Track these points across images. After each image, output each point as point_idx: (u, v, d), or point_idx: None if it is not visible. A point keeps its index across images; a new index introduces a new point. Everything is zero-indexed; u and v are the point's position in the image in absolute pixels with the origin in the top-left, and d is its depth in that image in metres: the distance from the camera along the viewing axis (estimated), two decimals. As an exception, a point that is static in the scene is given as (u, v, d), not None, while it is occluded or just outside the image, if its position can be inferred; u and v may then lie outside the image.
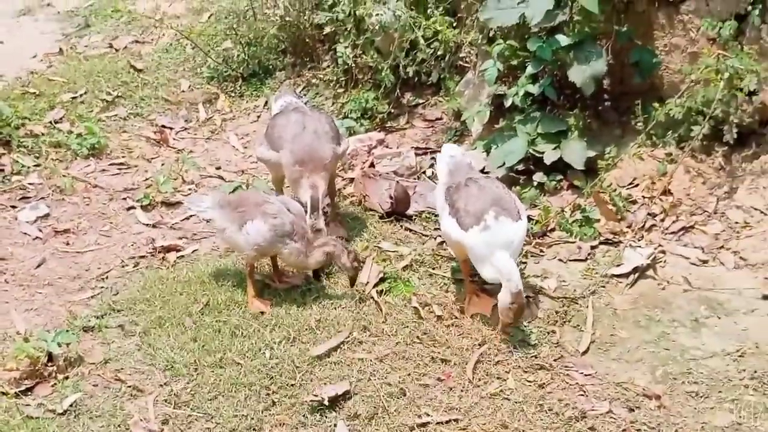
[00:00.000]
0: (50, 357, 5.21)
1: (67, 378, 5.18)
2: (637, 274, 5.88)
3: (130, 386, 5.14)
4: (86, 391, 5.10)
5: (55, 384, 5.14)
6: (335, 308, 5.66)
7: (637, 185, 6.58)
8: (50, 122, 7.72)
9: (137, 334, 5.49)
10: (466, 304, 5.65)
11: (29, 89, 8.22)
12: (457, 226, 5.35)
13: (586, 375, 5.19)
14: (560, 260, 6.09)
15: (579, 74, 6.46)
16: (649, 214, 6.34)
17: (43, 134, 7.54)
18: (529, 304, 5.49)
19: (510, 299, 5.15)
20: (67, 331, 5.39)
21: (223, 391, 5.08)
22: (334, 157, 6.07)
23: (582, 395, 5.06)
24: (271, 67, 8.44)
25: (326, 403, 4.94)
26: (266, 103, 8.07)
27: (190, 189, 7.00)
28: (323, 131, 6.08)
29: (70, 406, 4.98)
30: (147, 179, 7.13)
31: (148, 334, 5.48)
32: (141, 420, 4.90)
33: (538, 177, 6.67)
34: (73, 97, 8.15)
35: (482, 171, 6.81)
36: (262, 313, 5.59)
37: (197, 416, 4.95)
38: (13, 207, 6.77)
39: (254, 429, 4.87)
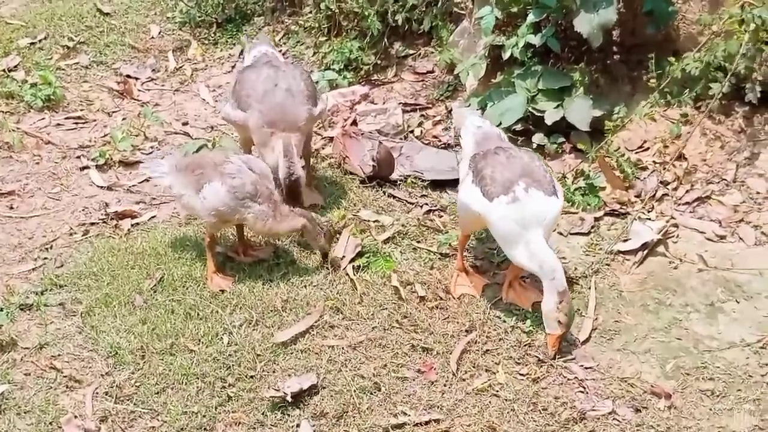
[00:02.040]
0: (-23, 341, 4.60)
1: (-5, 365, 4.56)
2: (646, 251, 5.23)
3: (66, 376, 4.51)
4: (16, 381, 4.48)
5: (-19, 373, 4.52)
6: (305, 286, 5.02)
7: (647, 149, 5.93)
8: (3, 70, 7.03)
9: (79, 314, 4.86)
10: (453, 283, 5.02)
11: (-18, 33, 7.52)
12: (481, 195, 4.64)
13: (586, 368, 4.56)
14: (560, 233, 5.41)
15: (586, 23, 5.76)
16: (660, 182, 5.67)
17: (-6, 83, 6.86)
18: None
19: (557, 299, 4.44)
20: (2, 309, 4.80)
21: (173, 383, 4.46)
22: (309, 118, 5.40)
23: (581, 392, 4.43)
24: (248, 12, 7.71)
25: (289, 399, 4.32)
26: (242, 52, 7.37)
27: (152, 147, 6.32)
28: (298, 89, 5.39)
29: (-5, 399, 4.37)
30: (105, 135, 6.44)
31: (91, 314, 4.85)
32: (75, 417, 4.28)
33: (538, 138, 6.00)
34: (32, 43, 7.45)
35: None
36: (223, 291, 4.96)
37: (141, 412, 4.34)
38: (-46, 166, 6.11)
39: (205, 429, 4.25)
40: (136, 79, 7.18)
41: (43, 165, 6.14)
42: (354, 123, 6.35)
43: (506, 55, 6.08)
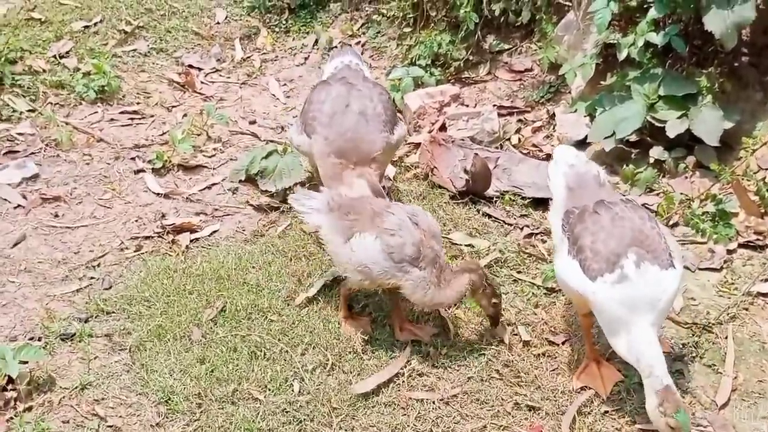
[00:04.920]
0: (10, 379, 3.93)
1: (29, 409, 3.89)
2: (792, 294, 4.44)
3: (110, 426, 3.84)
4: (52, 430, 3.80)
5: (12, 418, 3.85)
6: (388, 324, 4.29)
7: (782, 167, 5.12)
8: (54, 56, 6.40)
9: (128, 349, 4.18)
10: (578, 372, 4.11)
11: (35, 14, 6.84)
12: (581, 272, 3.78)
13: (727, 441, 3.80)
14: (686, 267, 4.60)
15: (719, 22, 4.97)
16: (802, 207, 4.87)
17: (44, 71, 6.23)
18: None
19: (657, 400, 3.56)
20: (40, 339, 4.20)
21: (234, 439, 3.77)
22: (387, 148, 4.63)
23: (724, 472, 3.67)
24: (324, -4, 7.05)
25: (372, 468, 3.62)
26: (316, 41, 6.71)
27: (215, 149, 5.64)
28: (374, 112, 4.63)
29: (26, 454, 3.71)
30: (163, 133, 5.77)
31: (142, 349, 4.17)
32: (118, 481, 3.62)
33: (657, 153, 5.24)
34: (86, 26, 6.81)
35: (583, 141, 5.39)
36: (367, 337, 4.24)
37: (196, 477, 3.66)
38: (-5, 164, 5.46)
39: (271, 500, 3.57)
40: (199, 69, 6.54)
41: (93, 166, 5.49)
42: (443, 128, 5.62)
43: (622, 56, 5.34)
